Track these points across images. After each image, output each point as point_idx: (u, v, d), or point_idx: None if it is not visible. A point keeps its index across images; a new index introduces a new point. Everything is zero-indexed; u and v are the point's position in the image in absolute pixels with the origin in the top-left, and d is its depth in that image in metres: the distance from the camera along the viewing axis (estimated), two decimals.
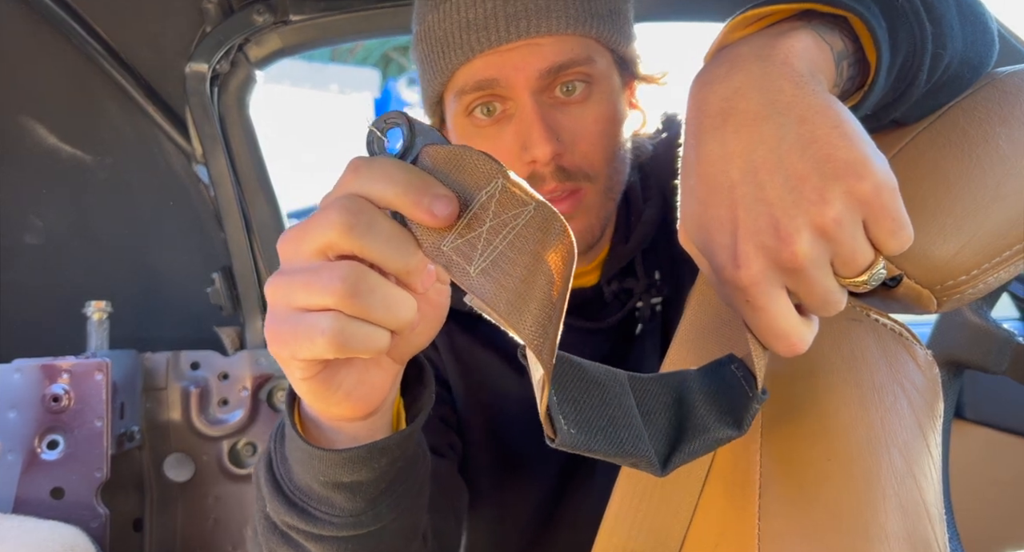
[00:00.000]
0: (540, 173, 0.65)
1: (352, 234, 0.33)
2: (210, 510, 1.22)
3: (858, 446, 0.44)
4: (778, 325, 0.38)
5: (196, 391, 1.21)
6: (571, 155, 0.66)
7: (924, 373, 0.47)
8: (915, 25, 0.43)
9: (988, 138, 0.49)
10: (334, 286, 0.33)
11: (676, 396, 0.42)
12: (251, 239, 1.23)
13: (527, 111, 0.64)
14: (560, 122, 0.65)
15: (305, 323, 0.34)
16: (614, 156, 0.69)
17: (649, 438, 0.39)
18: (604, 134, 0.67)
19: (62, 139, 1.20)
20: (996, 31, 0.54)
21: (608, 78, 0.68)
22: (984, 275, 0.49)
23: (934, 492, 0.45)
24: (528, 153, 0.64)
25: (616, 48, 0.68)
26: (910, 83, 0.45)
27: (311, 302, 0.34)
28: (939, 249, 0.48)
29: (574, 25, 0.64)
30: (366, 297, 0.33)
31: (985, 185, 0.48)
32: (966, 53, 0.49)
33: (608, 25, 0.66)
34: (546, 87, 0.65)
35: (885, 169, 0.36)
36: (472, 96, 0.66)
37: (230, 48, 1.13)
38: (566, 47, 0.64)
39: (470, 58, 0.65)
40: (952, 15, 0.47)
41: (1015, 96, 0.50)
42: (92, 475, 1.05)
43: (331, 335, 0.33)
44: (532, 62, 0.63)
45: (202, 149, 1.18)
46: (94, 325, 1.14)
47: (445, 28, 0.66)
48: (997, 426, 1.18)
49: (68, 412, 1.05)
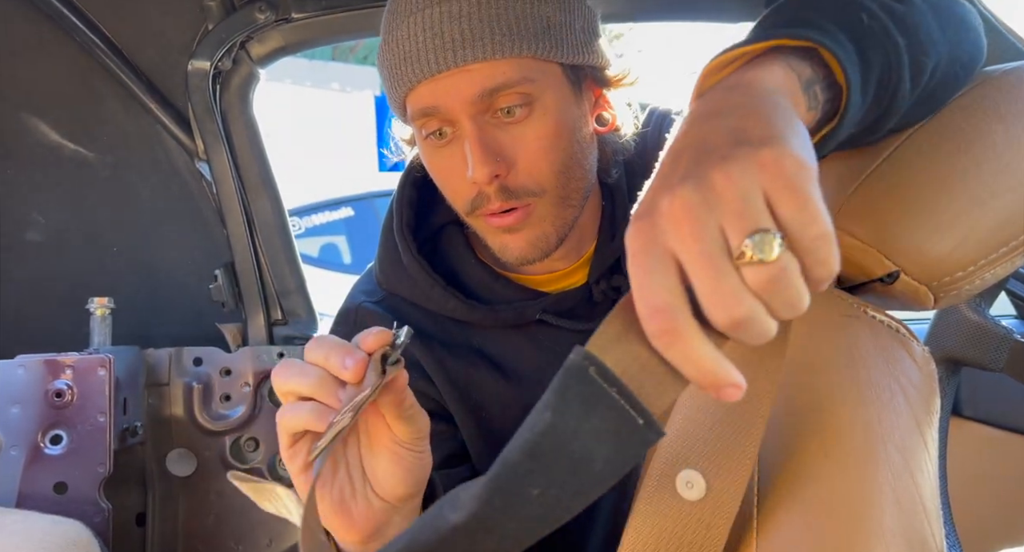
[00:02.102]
0: (485, 192, 0.69)
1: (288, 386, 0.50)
2: (212, 505, 1.23)
3: (855, 442, 0.44)
4: (652, 298, 0.33)
5: (198, 387, 1.22)
6: (514, 174, 0.69)
7: (921, 370, 0.48)
8: (885, 41, 0.45)
9: (984, 135, 0.49)
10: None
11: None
12: (253, 236, 1.24)
13: (467, 134, 0.68)
14: (501, 142, 0.68)
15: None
16: (564, 167, 0.70)
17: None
18: (549, 149, 0.69)
19: (64, 136, 1.21)
20: (980, 26, 0.55)
21: (552, 91, 0.69)
22: (981, 271, 0.49)
23: (931, 488, 0.45)
24: (469, 175, 0.67)
25: (562, 61, 0.69)
26: (893, 95, 0.46)
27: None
28: (936, 245, 0.48)
29: (500, 50, 0.66)
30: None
31: (981, 182, 0.48)
32: (954, 53, 0.50)
33: (543, 41, 0.67)
34: (485, 109, 0.68)
35: (801, 148, 0.34)
36: (422, 121, 0.70)
37: (232, 46, 1.13)
38: (497, 71, 0.66)
39: (412, 87, 0.69)
40: (928, 21, 0.48)
41: (1010, 93, 0.51)
42: (95, 470, 1.06)
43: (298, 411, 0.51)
44: (463, 88, 0.67)
45: (204, 146, 1.19)
46: (97, 321, 1.14)
47: (390, 60, 0.70)
48: (995, 423, 1.18)
49: (71, 407, 1.06)
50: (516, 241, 0.71)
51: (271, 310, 1.26)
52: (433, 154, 0.72)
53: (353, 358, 0.48)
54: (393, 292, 0.82)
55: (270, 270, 1.25)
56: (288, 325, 1.27)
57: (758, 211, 0.32)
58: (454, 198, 0.73)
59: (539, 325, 0.77)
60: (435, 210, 0.84)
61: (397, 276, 0.80)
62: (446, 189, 0.74)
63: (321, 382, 0.49)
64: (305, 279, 1.28)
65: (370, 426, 0.52)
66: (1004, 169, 0.48)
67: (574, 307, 0.77)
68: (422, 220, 0.83)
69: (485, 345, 0.78)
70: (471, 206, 0.71)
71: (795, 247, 0.33)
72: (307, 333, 1.27)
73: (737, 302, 0.32)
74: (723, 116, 0.37)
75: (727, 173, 0.33)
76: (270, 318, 1.26)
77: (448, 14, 0.66)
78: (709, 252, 0.32)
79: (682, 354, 0.33)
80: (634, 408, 0.34)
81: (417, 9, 0.68)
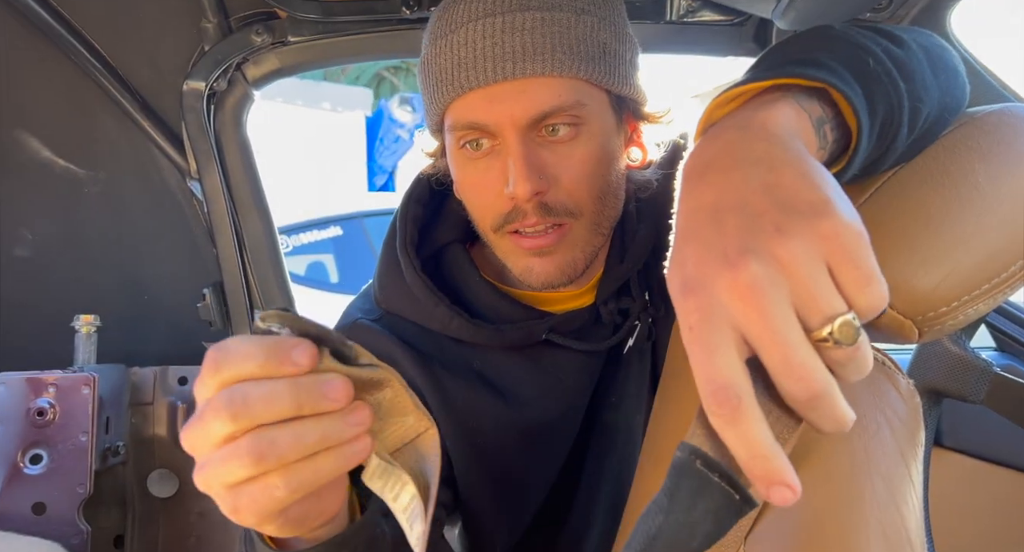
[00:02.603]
0: (522, 208, 0.68)
1: (241, 419, 0.38)
2: (193, 527, 1.21)
3: (842, 474, 0.45)
4: (716, 376, 0.32)
5: (183, 406, 1.21)
6: (555, 192, 0.68)
7: (906, 402, 0.48)
8: (889, 86, 0.45)
9: (968, 174, 0.51)
10: (244, 461, 0.38)
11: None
12: (243, 255, 1.24)
13: (512, 150, 0.67)
14: (545, 160, 0.68)
15: (247, 497, 0.39)
16: (602, 193, 0.71)
17: None
18: (591, 173, 0.69)
19: (56, 152, 1.21)
20: (963, 69, 0.56)
21: (599, 117, 0.70)
22: (964, 307, 0.51)
23: (916, 520, 0.46)
24: (509, 190, 0.67)
25: (611, 88, 0.70)
26: (893, 139, 0.47)
27: (238, 478, 0.38)
28: (921, 281, 0.49)
29: (560, 67, 0.66)
30: (274, 453, 0.38)
31: (965, 219, 0.50)
32: (943, 99, 0.51)
33: (599, 66, 0.68)
34: (533, 127, 0.68)
35: (852, 214, 0.34)
36: (463, 132, 0.69)
37: (228, 67, 1.14)
38: (553, 92, 0.66)
39: (460, 95, 0.68)
40: (924, 68, 0.49)
41: (992, 134, 0.52)
42: (75, 490, 1.04)
43: (270, 500, 0.38)
44: (519, 110, 0.66)
45: (196, 165, 1.19)
46: (82, 339, 1.13)
47: (440, 64, 0.69)
48: (974, 454, 1.19)
49: (52, 426, 1.05)
50: (544, 264, 0.70)
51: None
52: (467, 165, 0.71)
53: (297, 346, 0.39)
54: (392, 311, 0.80)
55: (259, 290, 1.25)
56: None
57: (831, 294, 0.33)
58: (484, 212, 0.72)
59: (543, 346, 0.76)
60: (439, 228, 0.83)
61: (398, 294, 0.79)
62: (476, 202, 0.73)
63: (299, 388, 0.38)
64: (294, 299, 1.28)
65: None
66: (987, 208, 0.49)
67: (581, 327, 0.77)
68: (425, 237, 0.82)
69: (485, 367, 0.77)
70: (503, 221, 0.70)
71: (861, 317, 0.33)
72: None
73: (815, 378, 0.33)
74: (752, 165, 0.37)
75: (790, 250, 0.33)
76: None
77: (511, 25, 0.66)
78: (784, 332, 0.32)
79: (741, 435, 0.33)
80: (734, 487, 0.35)
81: (477, 17, 0.67)
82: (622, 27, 0.72)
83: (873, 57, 0.45)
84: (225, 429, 0.38)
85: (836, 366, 0.34)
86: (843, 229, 0.33)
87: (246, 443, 0.38)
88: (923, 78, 0.48)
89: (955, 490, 1.19)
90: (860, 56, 0.45)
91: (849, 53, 0.45)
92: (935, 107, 0.50)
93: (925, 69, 0.49)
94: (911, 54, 0.49)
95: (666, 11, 1.08)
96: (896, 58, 0.47)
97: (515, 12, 0.66)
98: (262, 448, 0.37)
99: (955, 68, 0.54)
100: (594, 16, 0.69)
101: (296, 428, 0.38)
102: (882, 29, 0.51)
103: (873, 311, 0.33)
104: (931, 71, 0.50)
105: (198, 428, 0.39)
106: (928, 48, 0.52)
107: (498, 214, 0.70)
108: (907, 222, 0.50)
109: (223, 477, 0.38)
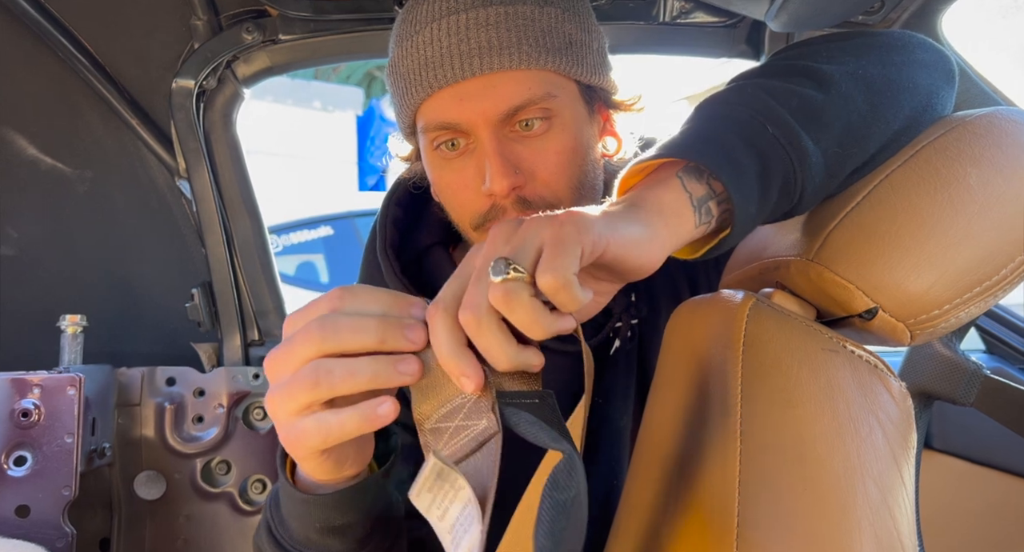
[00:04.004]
0: (501, 205, 0.68)
1: (325, 342, 0.42)
2: (180, 530, 1.20)
3: (834, 476, 0.44)
4: (471, 294, 0.41)
5: (171, 407, 1.19)
6: (532, 186, 0.68)
7: (898, 405, 0.48)
8: (789, 149, 0.49)
9: (959, 178, 0.51)
10: (304, 385, 0.42)
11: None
12: (232, 255, 1.23)
13: (486, 147, 0.67)
14: (521, 155, 0.68)
15: (299, 429, 0.43)
16: (579, 184, 0.71)
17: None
18: (566, 164, 0.69)
19: (42, 150, 1.19)
20: (930, 82, 0.57)
21: (570, 108, 0.70)
22: (956, 310, 0.51)
23: (907, 523, 0.46)
24: (487, 187, 0.67)
25: (580, 79, 0.70)
26: (800, 194, 0.50)
27: (299, 403, 0.42)
28: (913, 284, 0.49)
29: (527, 61, 0.66)
30: (328, 381, 0.41)
31: (956, 223, 0.50)
32: (887, 127, 0.54)
33: (566, 57, 0.68)
34: (506, 122, 0.68)
35: (598, 229, 0.42)
36: (436, 134, 0.69)
37: (218, 65, 1.13)
38: (522, 86, 0.67)
39: (430, 95, 0.68)
40: (854, 107, 0.52)
41: (984, 138, 0.53)
42: (60, 493, 1.03)
43: (319, 434, 0.43)
44: (490, 106, 0.66)
45: (185, 164, 1.18)
46: (68, 339, 1.12)
47: (407, 65, 0.69)
48: (964, 456, 1.20)
49: (37, 427, 1.03)
50: None
51: (248, 330, 1.25)
52: (443, 166, 0.71)
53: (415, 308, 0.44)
54: None
55: (249, 290, 1.24)
56: (265, 345, 1.25)
57: (522, 251, 0.41)
58: (462, 212, 0.72)
59: None
60: (420, 230, 0.83)
61: None
62: (454, 202, 0.73)
63: (387, 324, 0.42)
64: (284, 299, 1.27)
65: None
66: (978, 212, 0.50)
67: None
68: (406, 240, 0.82)
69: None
70: (482, 219, 0.70)
71: (539, 282, 0.40)
72: None
73: (476, 306, 0.40)
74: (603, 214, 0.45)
75: (532, 223, 0.42)
76: (247, 338, 1.24)
77: (475, 21, 0.66)
78: (481, 269, 0.41)
79: (434, 335, 0.42)
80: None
81: (441, 15, 0.67)
82: (586, 17, 0.72)
83: (775, 122, 0.49)
84: (309, 351, 0.42)
85: (496, 304, 0.40)
86: (569, 224, 0.41)
87: (309, 368, 0.41)
88: (848, 120, 0.52)
89: (945, 492, 1.19)
90: (760, 124, 0.49)
91: (748, 122, 0.50)
92: (882, 134, 0.53)
93: (856, 104, 0.53)
94: (835, 96, 0.52)
95: (659, 12, 1.08)
96: (811, 109, 0.51)
97: (478, 8, 0.67)
98: (319, 375, 0.41)
99: (908, 85, 0.56)
100: (558, 7, 0.69)
101: (351, 363, 0.41)
102: (810, 70, 0.54)
103: (543, 287, 0.40)
104: (867, 103, 0.53)
105: (284, 349, 0.42)
106: (870, 77, 0.54)
107: (477, 213, 0.70)
108: (899, 225, 0.50)
109: (286, 403, 0.42)
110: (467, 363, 0.41)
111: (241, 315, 1.24)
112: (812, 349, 0.49)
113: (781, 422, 0.47)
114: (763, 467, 0.46)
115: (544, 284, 0.39)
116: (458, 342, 0.41)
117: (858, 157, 0.53)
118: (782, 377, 0.48)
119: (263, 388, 1.21)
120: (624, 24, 1.09)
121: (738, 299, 0.52)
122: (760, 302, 0.52)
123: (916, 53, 0.58)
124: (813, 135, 0.50)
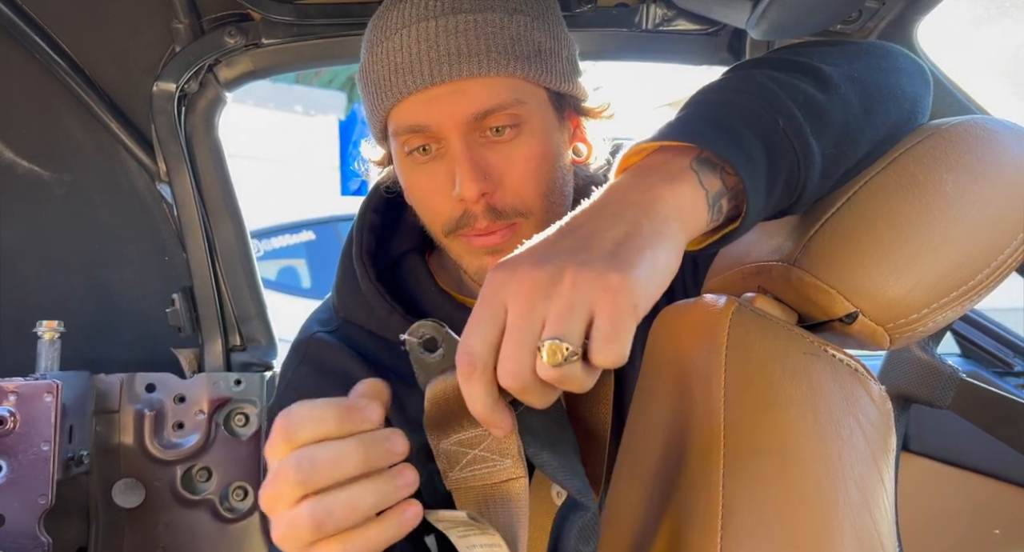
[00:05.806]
0: (471, 212, 0.68)
1: (308, 485, 0.40)
2: (159, 538, 1.18)
3: (816, 479, 0.45)
4: (470, 344, 0.40)
5: (150, 414, 1.18)
6: (502, 194, 0.69)
7: (878, 408, 0.49)
8: (796, 144, 0.48)
9: (936, 184, 0.52)
10: (308, 527, 0.40)
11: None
12: (214, 260, 1.22)
13: (456, 151, 0.67)
14: (490, 161, 0.68)
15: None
16: (549, 190, 0.71)
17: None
18: (536, 170, 0.70)
19: (19, 154, 1.17)
20: (912, 89, 0.58)
21: (539, 115, 0.70)
22: (934, 314, 0.52)
23: (887, 524, 0.46)
24: (457, 191, 0.67)
25: (549, 86, 0.71)
26: (801, 192, 0.50)
27: (305, 541, 0.40)
28: (892, 288, 0.50)
29: (495, 67, 0.67)
30: (331, 521, 0.40)
31: (934, 229, 0.51)
32: (877, 132, 0.54)
33: (534, 64, 0.69)
34: (476, 128, 0.68)
35: (644, 291, 0.39)
36: (406, 137, 0.70)
37: (200, 69, 1.12)
38: (492, 91, 0.67)
39: (400, 99, 0.69)
40: (850, 110, 0.52)
41: (960, 145, 0.54)
42: (36, 502, 1.01)
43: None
44: (459, 109, 0.67)
45: (166, 168, 1.17)
46: (45, 345, 1.10)
47: (377, 71, 0.70)
48: (940, 458, 1.22)
49: (13, 435, 1.01)
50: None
51: (229, 336, 1.23)
52: (415, 171, 0.71)
53: (363, 402, 0.43)
54: (349, 320, 0.80)
55: (230, 295, 1.23)
56: (247, 351, 1.24)
57: (572, 323, 0.38)
58: (434, 217, 0.72)
59: None
60: (396, 237, 0.83)
61: (354, 303, 0.79)
62: (426, 207, 0.73)
63: (364, 446, 0.41)
64: (266, 305, 1.26)
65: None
66: (955, 218, 0.51)
67: None
68: (382, 247, 0.82)
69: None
70: (454, 225, 0.70)
71: (590, 358, 0.39)
72: (266, 360, 1.25)
73: (522, 376, 0.39)
74: (619, 218, 0.43)
75: (575, 278, 0.39)
76: (228, 344, 1.23)
77: (445, 28, 0.67)
78: (523, 331, 0.39)
79: (469, 392, 0.41)
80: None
81: (411, 22, 0.68)
82: (556, 25, 0.73)
83: (784, 115, 0.48)
84: (295, 493, 0.40)
85: (546, 379, 0.39)
86: (624, 293, 0.38)
87: (307, 511, 0.40)
88: (847, 121, 0.52)
89: (922, 494, 1.21)
90: (770, 115, 0.48)
91: (759, 113, 0.48)
92: (872, 139, 0.53)
93: (853, 108, 0.52)
94: (835, 97, 0.52)
95: (641, 20, 1.09)
96: (815, 107, 0.50)
97: (448, 15, 0.67)
98: (319, 517, 0.40)
99: (896, 91, 0.56)
100: (527, 15, 0.70)
101: (351, 494, 0.40)
102: (812, 68, 0.54)
103: (604, 364, 0.38)
104: (862, 107, 0.53)
105: (271, 491, 0.41)
106: (864, 81, 0.55)
107: (448, 219, 0.70)
108: (879, 231, 0.51)
109: (292, 540, 0.41)
110: (501, 417, 0.41)
111: (223, 320, 1.22)
112: (794, 353, 0.50)
113: (764, 425, 0.47)
114: (746, 470, 0.46)
115: (604, 363, 0.38)
116: (495, 399, 0.41)
117: (850, 159, 0.53)
118: (765, 381, 0.48)
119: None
120: (606, 31, 1.10)
121: (721, 304, 0.53)
122: (743, 307, 0.52)
123: (899, 61, 0.59)
124: (815, 134, 0.49)
